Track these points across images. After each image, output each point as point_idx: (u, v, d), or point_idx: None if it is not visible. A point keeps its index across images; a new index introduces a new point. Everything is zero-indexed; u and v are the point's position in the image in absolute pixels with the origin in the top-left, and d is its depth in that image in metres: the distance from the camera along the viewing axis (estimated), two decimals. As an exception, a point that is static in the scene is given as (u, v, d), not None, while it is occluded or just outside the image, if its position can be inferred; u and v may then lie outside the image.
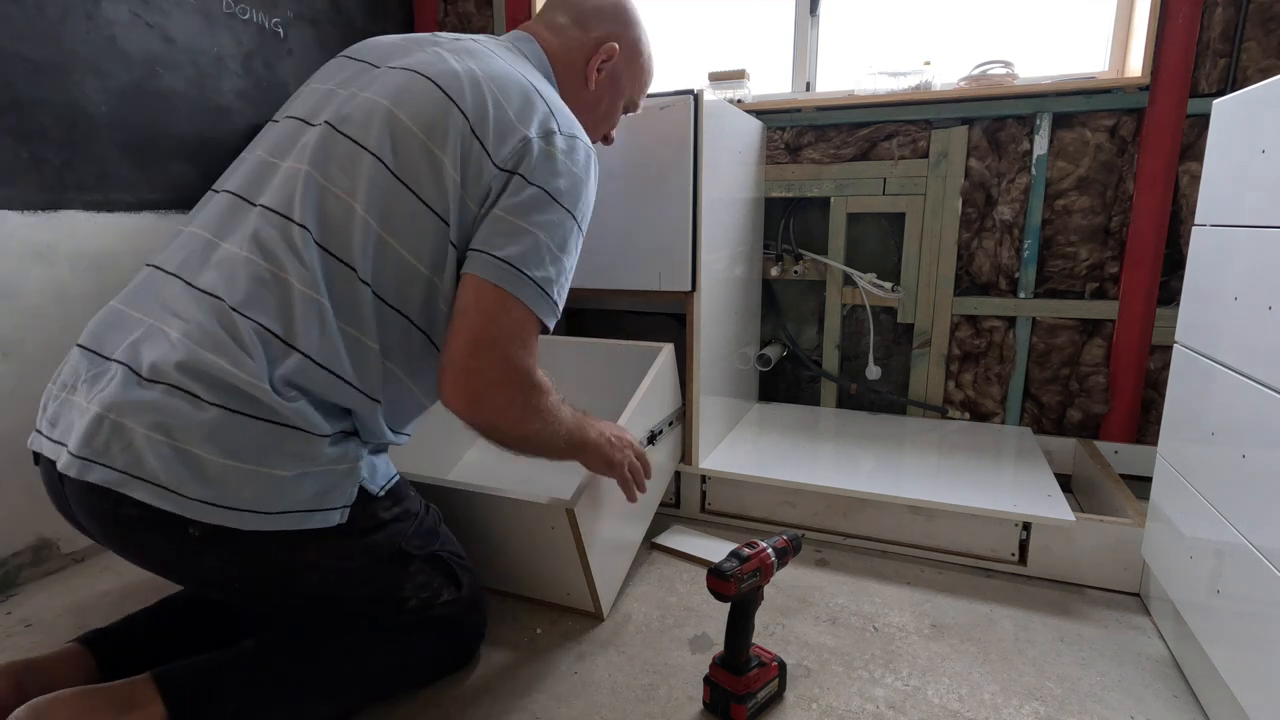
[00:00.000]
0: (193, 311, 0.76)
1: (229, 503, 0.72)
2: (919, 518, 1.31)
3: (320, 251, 0.79)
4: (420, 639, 0.93)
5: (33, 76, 1.29)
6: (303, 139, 0.85)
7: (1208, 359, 0.95)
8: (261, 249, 0.78)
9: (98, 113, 1.41)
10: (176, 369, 0.73)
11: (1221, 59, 1.45)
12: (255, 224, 0.80)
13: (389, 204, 0.81)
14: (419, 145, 0.82)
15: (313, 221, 0.79)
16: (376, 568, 0.87)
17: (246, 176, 0.87)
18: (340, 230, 0.80)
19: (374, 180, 0.81)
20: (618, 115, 1.13)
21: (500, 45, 0.97)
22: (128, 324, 0.79)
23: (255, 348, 0.75)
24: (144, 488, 0.71)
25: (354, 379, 0.80)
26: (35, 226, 1.31)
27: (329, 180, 0.81)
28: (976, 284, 1.71)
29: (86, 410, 0.73)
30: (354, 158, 0.81)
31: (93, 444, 0.72)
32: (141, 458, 0.71)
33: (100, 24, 1.40)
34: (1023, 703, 0.94)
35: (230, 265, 0.79)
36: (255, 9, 1.72)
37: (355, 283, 0.80)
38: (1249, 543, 0.80)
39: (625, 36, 1.03)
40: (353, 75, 0.90)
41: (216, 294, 0.77)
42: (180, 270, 0.81)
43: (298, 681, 0.84)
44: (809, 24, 1.86)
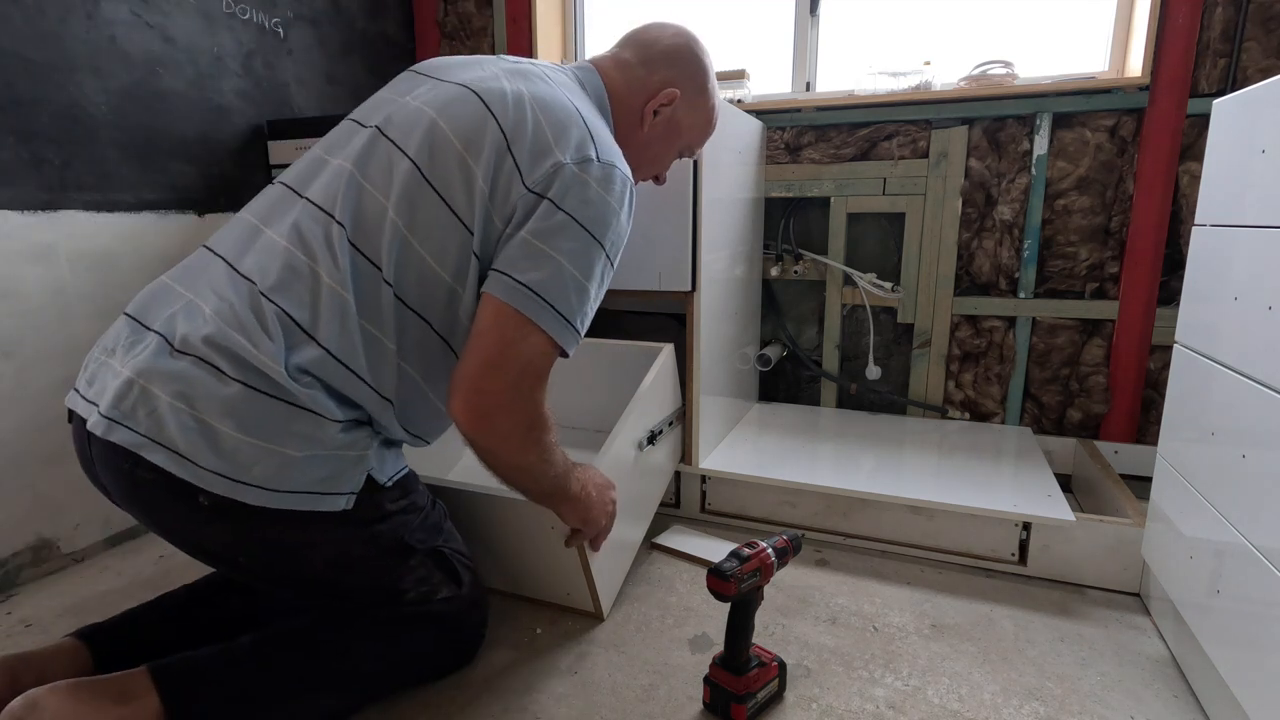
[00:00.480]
0: (228, 292, 0.80)
1: (238, 476, 0.75)
2: (919, 518, 1.31)
3: (352, 249, 0.82)
4: (419, 636, 0.93)
5: (33, 76, 1.29)
6: (354, 140, 0.89)
7: (1208, 359, 0.95)
8: (301, 240, 0.82)
9: (98, 112, 1.41)
10: (204, 342, 0.76)
11: (1222, 59, 1.45)
12: (299, 215, 0.84)
13: (417, 207, 0.83)
14: (455, 155, 0.84)
15: (349, 219, 0.82)
16: (378, 558, 0.88)
17: (300, 170, 0.90)
18: (372, 230, 0.82)
19: (406, 184, 0.83)
20: (670, 159, 1.13)
21: (560, 73, 0.98)
22: (171, 298, 0.83)
23: (276, 332, 0.78)
24: (162, 453, 0.74)
25: (368, 376, 0.82)
26: (35, 226, 1.31)
27: (368, 180, 0.84)
28: (976, 284, 1.71)
29: (119, 374, 0.78)
30: (393, 161, 0.84)
31: (120, 406, 0.76)
32: (163, 424, 0.74)
33: (100, 24, 1.40)
34: (1023, 703, 0.94)
35: (270, 252, 0.82)
36: (255, 9, 1.72)
37: (379, 283, 0.82)
38: (1249, 543, 0.80)
39: (689, 84, 1.04)
40: (413, 86, 0.93)
41: (252, 278, 0.81)
42: (226, 252, 0.85)
43: (295, 677, 0.85)
44: (809, 24, 1.86)
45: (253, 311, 0.78)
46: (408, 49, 2.22)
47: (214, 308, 0.79)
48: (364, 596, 0.90)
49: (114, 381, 0.77)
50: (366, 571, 0.88)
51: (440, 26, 2.19)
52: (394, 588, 0.90)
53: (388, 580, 0.89)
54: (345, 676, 0.88)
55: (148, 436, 0.74)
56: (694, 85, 1.04)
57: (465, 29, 2.16)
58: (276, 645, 0.85)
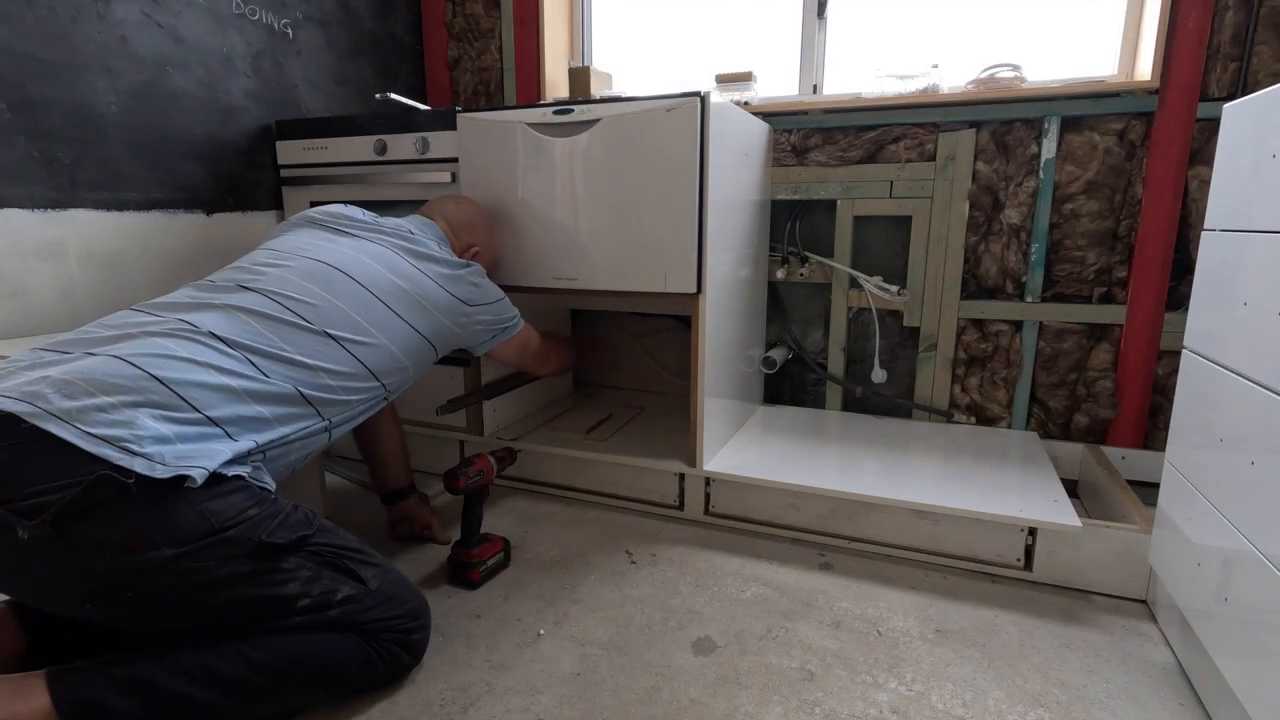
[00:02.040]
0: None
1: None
2: (924, 522, 1.31)
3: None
4: (332, 645, 0.90)
5: (44, 76, 1.30)
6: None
7: (1216, 365, 0.94)
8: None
9: (108, 112, 1.42)
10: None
11: (1232, 63, 1.44)
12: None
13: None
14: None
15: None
16: (240, 564, 0.84)
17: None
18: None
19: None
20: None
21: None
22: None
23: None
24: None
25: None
26: (45, 224, 1.32)
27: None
28: (983, 288, 1.71)
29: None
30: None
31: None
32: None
33: (111, 24, 1.41)
34: (1027, 709, 0.93)
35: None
36: (264, 10, 1.73)
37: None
38: (1257, 550, 0.79)
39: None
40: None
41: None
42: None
43: (190, 693, 0.82)
44: (816, 26, 1.86)
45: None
46: (415, 50, 2.23)
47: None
48: (251, 611, 0.85)
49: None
50: (235, 584, 0.83)
51: (448, 28, 2.20)
52: (279, 595, 0.86)
53: (267, 588, 0.85)
54: (253, 688, 0.85)
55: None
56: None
57: (473, 30, 2.16)
58: (173, 657, 0.83)
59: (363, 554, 0.96)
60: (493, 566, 1.26)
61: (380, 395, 1.11)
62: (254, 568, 0.85)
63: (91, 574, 0.79)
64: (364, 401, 1.08)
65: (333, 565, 0.92)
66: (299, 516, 0.92)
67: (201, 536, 0.81)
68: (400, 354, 1.11)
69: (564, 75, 2.12)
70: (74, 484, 0.75)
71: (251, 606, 0.85)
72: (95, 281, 1.40)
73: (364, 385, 1.06)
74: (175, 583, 0.81)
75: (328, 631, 0.90)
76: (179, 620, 0.85)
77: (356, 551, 0.96)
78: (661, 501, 1.52)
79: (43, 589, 0.83)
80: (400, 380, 1.15)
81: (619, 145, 1.34)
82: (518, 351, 1.36)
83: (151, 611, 0.83)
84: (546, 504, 1.57)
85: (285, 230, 1.19)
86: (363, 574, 0.94)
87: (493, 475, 1.27)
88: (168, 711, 0.80)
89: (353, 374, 1.04)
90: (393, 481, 1.38)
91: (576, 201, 1.40)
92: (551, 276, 1.46)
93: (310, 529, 0.91)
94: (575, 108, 1.37)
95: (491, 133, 1.45)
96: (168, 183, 1.54)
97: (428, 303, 1.15)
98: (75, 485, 0.75)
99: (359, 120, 1.65)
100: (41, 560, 0.78)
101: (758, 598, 1.19)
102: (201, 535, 0.81)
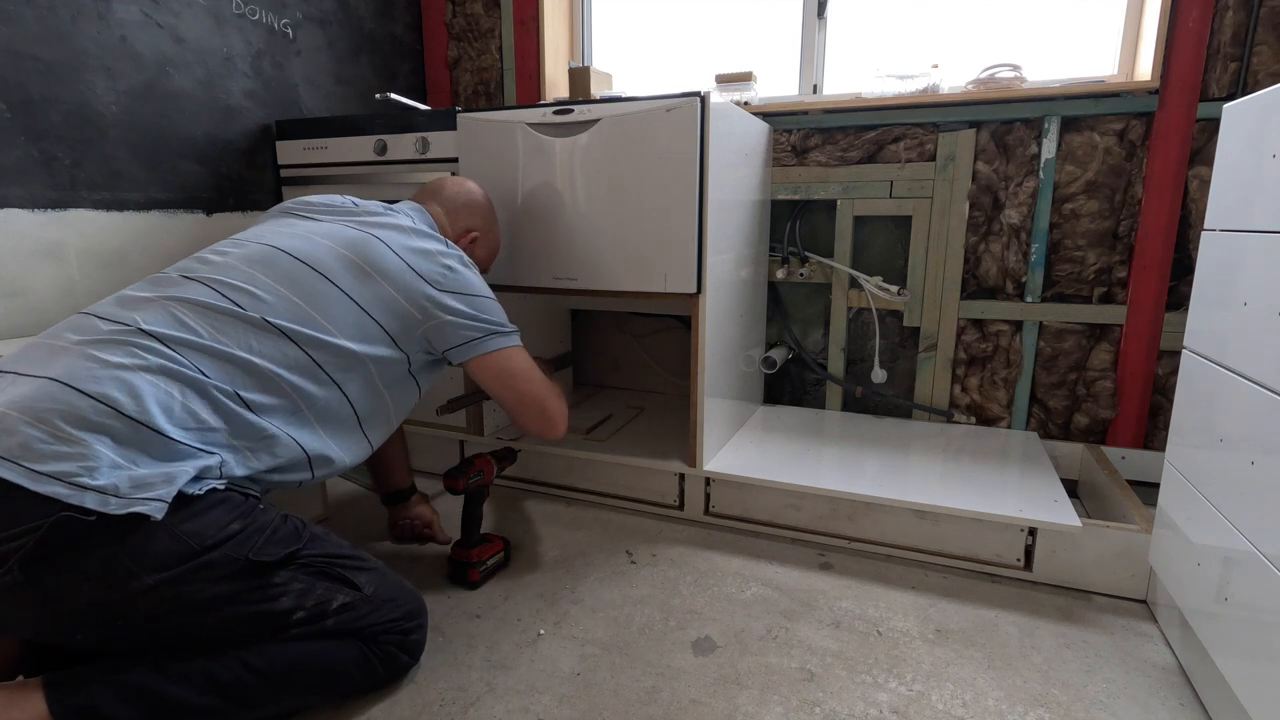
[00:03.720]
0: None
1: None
2: (924, 522, 1.31)
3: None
4: (331, 653, 0.89)
5: (44, 76, 1.30)
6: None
7: (1216, 365, 0.94)
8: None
9: (108, 112, 1.42)
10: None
11: (1232, 63, 1.44)
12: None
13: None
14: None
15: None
16: (229, 584, 0.81)
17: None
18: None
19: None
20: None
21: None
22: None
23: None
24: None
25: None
26: (45, 224, 1.32)
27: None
28: (983, 288, 1.71)
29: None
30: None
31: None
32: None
33: (112, 24, 1.41)
34: (1028, 709, 0.93)
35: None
36: (264, 10, 1.73)
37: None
38: (1257, 550, 0.79)
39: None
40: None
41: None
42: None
43: (190, 699, 0.81)
44: (816, 26, 1.86)
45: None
46: (415, 50, 2.23)
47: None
48: (245, 626, 0.84)
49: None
50: (225, 604, 0.81)
51: (448, 28, 2.20)
52: (271, 611, 0.84)
53: (259, 605, 0.83)
54: (254, 694, 0.84)
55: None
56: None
57: (473, 30, 2.16)
58: (169, 664, 0.81)
59: (356, 559, 0.95)
60: (493, 566, 1.26)
61: (337, 399, 0.98)
62: (243, 586, 0.82)
63: (75, 610, 0.77)
64: (323, 403, 0.96)
65: (326, 575, 0.90)
66: (287, 529, 0.89)
67: (181, 561, 0.78)
68: (352, 344, 0.97)
69: (564, 75, 2.12)
70: (32, 529, 0.71)
71: (245, 622, 0.84)
72: (95, 281, 1.40)
73: (309, 384, 0.94)
74: (162, 607, 0.79)
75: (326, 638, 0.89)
76: (173, 640, 0.83)
77: (349, 558, 0.94)
78: (661, 501, 1.52)
79: (30, 627, 0.81)
80: (360, 383, 1.00)
81: (619, 145, 1.34)
82: (500, 375, 1.10)
83: (143, 635, 0.82)
84: (546, 504, 1.57)
85: (259, 221, 1.13)
86: (357, 580, 0.92)
87: (493, 475, 1.28)
88: (167, 717, 0.80)
89: (296, 366, 0.93)
90: (393, 482, 1.37)
91: (576, 202, 1.41)
92: (551, 276, 1.46)
93: (300, 541, 0.88)
94: (575, 108, 1.37)
95: (491, 133, 1.45)
96: (168, 183, 1.54)
97: (374, 270, 0.99)
98: (34, 530, 0.71)
99: (359, 120, 1.65)
100: (21, 604, 0.76)
101: (758, 598, 1.19)
102: (181, 559, 0.78)
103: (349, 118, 1.67)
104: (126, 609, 0.78)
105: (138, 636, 0.82)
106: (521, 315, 1.34)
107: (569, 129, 1.38)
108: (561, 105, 1.38)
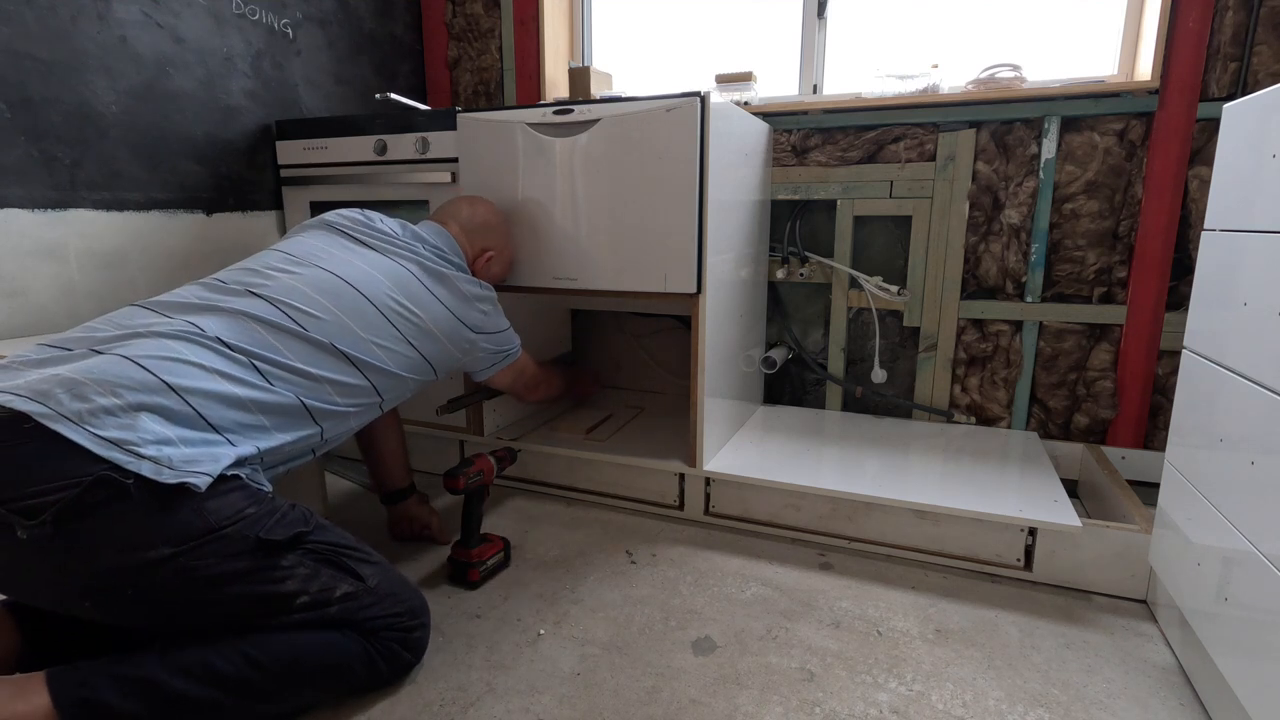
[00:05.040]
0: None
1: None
2: (924, 522, 1.31)
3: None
4: (332, 644, 0.90)
5: (44, 76, 1.30)
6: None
7: (1216, 365, 0.94)
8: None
9: (108, 112, 1.42)
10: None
11: (1232, 63, 1.44)
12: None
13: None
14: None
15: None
16: (238, 561, 0.84)
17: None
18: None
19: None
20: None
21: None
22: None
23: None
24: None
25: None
26: (45, 224, 1.32)
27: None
28: (983, 288, 1.71)
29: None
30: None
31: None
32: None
33: (111, 24, 1.41)
34: (1028, 709, 0.93)
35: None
36: (264, 10, 1.73)
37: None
38: (1257, 550, 0.79)
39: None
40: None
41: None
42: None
43: (192, 692, 0.82)
44: (816, 26, 1.86)
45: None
46: (415, 50, 2.23)
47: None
48: (250, 607, 0.85)
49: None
50: (233, 581, 0.83)
51: (448, 28, 2.20)
52: (277, 593, 0.86)
53: (266, 586, 0.85)
54: (255, 689, 0.85)
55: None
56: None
57: (473, 30, 2.16)
58: (174, 659, 0.82)
59: (361, 552, 0.97)
60: (493, 566, 1.26)
61: (376, 407, 1.12)
62: (252, 565, 0.85)
63: (90, 572, 0.79)
64: (360, 414, 1.09)
65: (331, 562, 0.92)
66: (296, 514, 0.92)
67: (199, 535, 0.81)
68: (401, 371, 1.12)
69: (564, 75, 2.12)
70: (75, 484, 0.76)
71: (250, 603, 0.85)
72: (95, 281, 1.40)
73: (362, 400, 1.07)
74: (173, 580, 0.81)
75: (328, 629, 0.90)
76: (178, 618, 0.85)
77: (354, 549, 0.96)
78: (661, 501, 1.52)
79: (42, 587, 0.83)
80: (398, 395, 1.16)
81: (619, 145, 1.34)
82: (512, 378, 1.39)
83: (150, 609, 0.83)
84: (546, 504, 1.57)
85: (300, 232, 1.19)
86: (361, 571, 0.94)
87: (493, 475, 1.28)
88: (170, 710, 0.80)
89: (353, 387, 1.05)
90: (393, 482, 1.38)
91: (576, 201, 1.41)
92: (552, 276, 1.46)
93: (307, 526, 0.92)
94: (575, 108, 1.37)
95: (491, 133, 1.45)
96: (168, 182, 1.54)
97: (435, 329, 1.16)
98: (76, 486, 0.76)
99: (359, 120, 1.65)
100: (41, 559, 0.78)
101: (758, 598, 1.19)
102: (199, 534, 0.81)
103: (349, 118, 1.67)
104: (137, 578, 0.80)
105: (144, 611, 0.83)
106: (521, 315, 1.34)
107: (569, 129, 1.38)
108: (561, 105, 1.38)
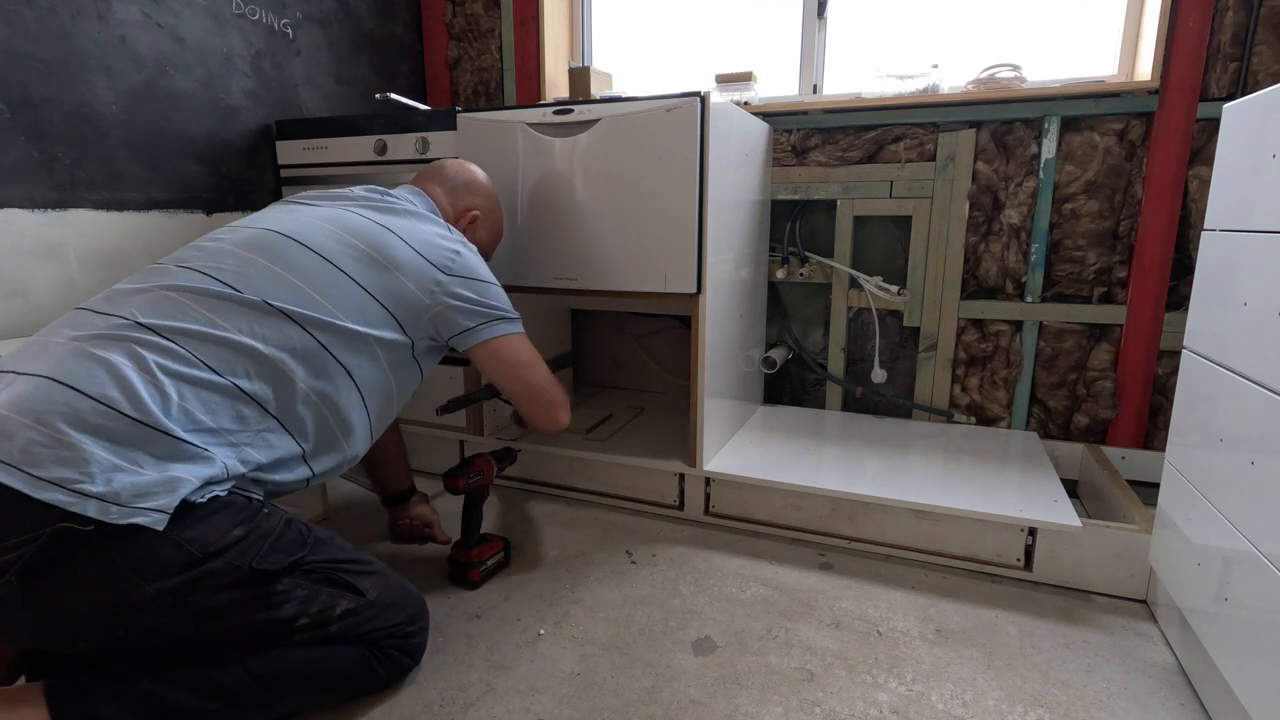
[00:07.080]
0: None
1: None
2: (924, 522, 1.31)
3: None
4: (338, 651, 0.89)
5: (44, 76, 1.30)
6: None
7: (1216, 365, 0.94)
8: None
9: (108, 112, 1.42)
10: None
11: (1232, 63, 1.44)
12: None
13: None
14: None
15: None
16: (231, 593, 0.81)
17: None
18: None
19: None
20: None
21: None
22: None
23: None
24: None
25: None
26: (45, 224, 1.32)
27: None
28: (983, 288, 1.71)
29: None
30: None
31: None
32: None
33: (111, 24, 1.41)
34: (1027, 709, 0.93)
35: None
36: (264, 10, 1.73)
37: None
38: (1257, 550, 0.79)
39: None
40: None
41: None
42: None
43: (193, 705, 0.81)
44: (816, 26, 1.86)
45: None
46: (415, 50, 2.23)
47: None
48: (248, 635, 0.83)
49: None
50: (227, 614, 0.81)
51: (448, 28, 2.20)
52: (275, 619, 0.83)
53: (262, 614, 0.83)
54: (253, 712, 0.84)
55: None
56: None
57: (473, 30, 2.16)
58: (170, 670, 0.81)
59: (359, 563, 0.94)
60: (493, 566, 1.26)
61: (345, 385, 0.96)
62: (246, 595, 0.82)
63: (76, 619, 0.76)
64: (324, 392, 0.94)
65: (330, 581, 0.89)
66: (291, 535, 0.87)
67: (184, 569, 0.77)
68: (356, 325, 0.96)
69: (564, 75, 2.12)
70: (31, 539, 0.70)
71: (247, 631, 0.83)
72: (95, 281, 1.40)
73: (313, 372, 0.92)
74: (164, 616, 0.78)
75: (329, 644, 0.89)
76: (175, 647, 0.83)
77: (353, 562, 0.93)
78: (661, 501, 1.52)
79: (30, 637, 0.81)
80: (370, 372, 0.99)
81: (619, 145, 1.34)
82: (506, 364, 1.10)
83: (145, 642, 0.81)
84: (546, 504, 1.57)
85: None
86: (360, 585, 0.91)
87: (493, 475, 1.28)
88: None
89: (308, 353, 0.91)
90: (393, 483, 1.37)
91: (576, 201, 1.40)
92: (552, 276, 1.46)
93: (304, 548, 0.87)
94: (575, 108, 1.37)
95: (491, 133, 1.45)
96: (168, 182, 1.54)
97: (385, 259, 0.99)
98: (33, 540, 0.70)
99: (359, 120, 1.65)
100: (21, 612, 0.75)
101: (758, 598, 1.19)
102: (184, 567, 0.77)
103: (349, 118, 1.67)
104: (128, 617, 0.77)
105: (140, 644, 0.81)
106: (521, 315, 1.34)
107: (569, 129, 1.38)
108: (561, 105, 1.38)
